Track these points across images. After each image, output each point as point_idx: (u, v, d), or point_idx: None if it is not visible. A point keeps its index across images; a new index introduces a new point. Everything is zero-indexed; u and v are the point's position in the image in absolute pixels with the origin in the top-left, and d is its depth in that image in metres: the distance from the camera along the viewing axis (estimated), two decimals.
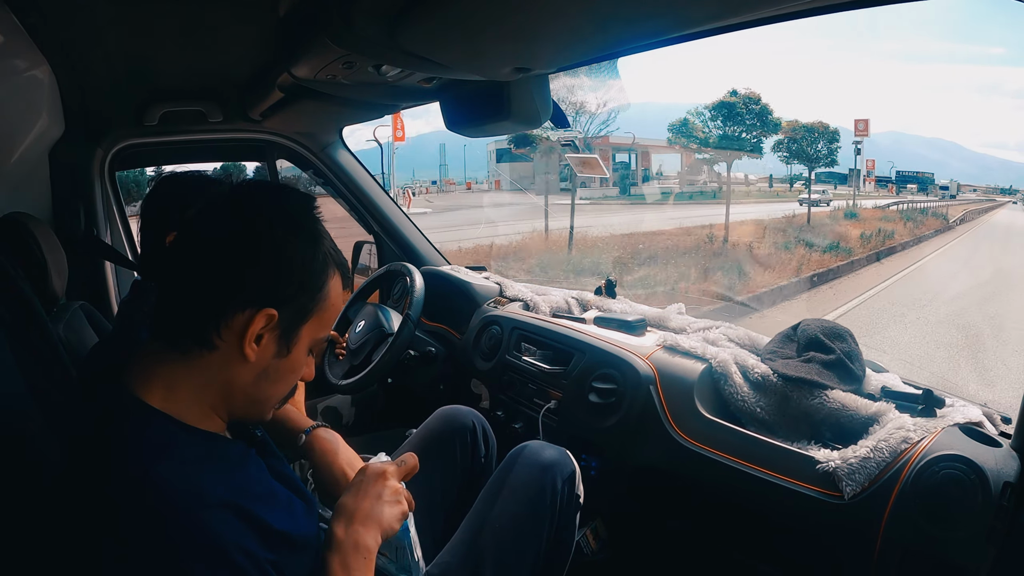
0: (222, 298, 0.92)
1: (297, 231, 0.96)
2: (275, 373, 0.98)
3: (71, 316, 1.56)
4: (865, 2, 1.16)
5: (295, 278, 0.95)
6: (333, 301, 1.01)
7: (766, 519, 1.46)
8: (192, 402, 0.94)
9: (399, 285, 2.60)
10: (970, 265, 15.31)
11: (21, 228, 1.51)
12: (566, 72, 1.67)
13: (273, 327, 0.94)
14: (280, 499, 1.01)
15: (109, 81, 1.96)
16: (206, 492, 0.87)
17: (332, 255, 1.01)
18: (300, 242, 0.96)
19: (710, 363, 1.69)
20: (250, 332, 0.92)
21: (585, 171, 2.93)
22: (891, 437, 1.30)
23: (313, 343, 1.01)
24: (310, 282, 0.97)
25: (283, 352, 0.97)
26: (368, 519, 1.04)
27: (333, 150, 2.76)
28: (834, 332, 1.63)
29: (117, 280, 2.40)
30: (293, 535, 0.98)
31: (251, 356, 0.93)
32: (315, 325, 0.99)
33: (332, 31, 1.30)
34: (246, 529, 0.89)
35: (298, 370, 1.02)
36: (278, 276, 0.94)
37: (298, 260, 0.95)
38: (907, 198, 26.93)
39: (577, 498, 1.53)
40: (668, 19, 1.17)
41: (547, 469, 1.49)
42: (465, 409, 1.76)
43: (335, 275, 1.01)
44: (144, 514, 0.84)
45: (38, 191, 2.16)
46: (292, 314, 0.95)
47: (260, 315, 0.91)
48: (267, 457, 1.11)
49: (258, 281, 0.93)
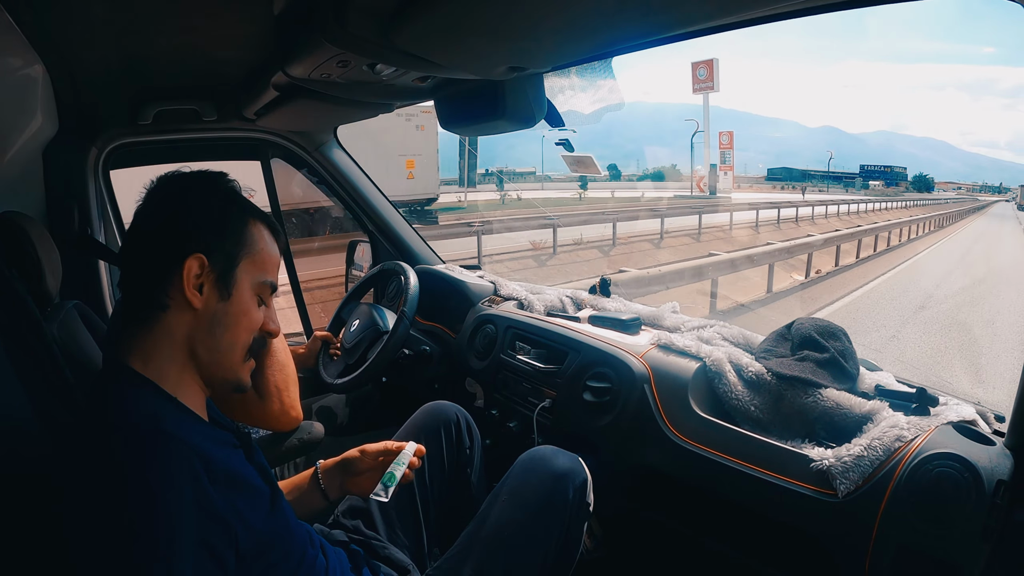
0: (157, 259, 1.06)
1: (209, 194, 1.13)
2: (225, 317, 1.09)
3: (65, 316, 1.55)
4: (858, 2, 1.16)
5: (216, 228, 1.09)
6: (263, 246, 1.15)
7: (760, 517, 1.46)
8: (166, 365, 1.05)
9: (393, 284, 2.60)
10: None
11: (15, 227, 1.50)
12: (558, 72, 1.67)
13: (207, 273, 1.06)
14: (250, 481, 1.08)
15: (103, 80, 1.95)
16: (163, 423, 0.97)
17: (251, 209, 1.16)
18: (213, 200, 1.12)
19: (704, 362, 1.70)
20: (186, 278, 1.04)
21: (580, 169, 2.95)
22: (885, 435, 1.31)
23: (255, 286, 1.13)
24: (229, 228, 1.11)
25: (224, 295, 1.08)
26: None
27: (328, 149, 2.76)
28: (828, 331, 1.64)
29: (111, 279, 2.39)
30: (244, 508, 1.03)
31: (195, 302, 1.05)
32: (249, 267, 1.12)
33: (327, 30, 1.29)
34: (199, 469, 0.95)
35: (248, 313, 1.12)
36: (198, 226, 1.08)
37: (214, 213, 1.10)
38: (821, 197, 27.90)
39: (587, 506, 1.55)
40: (662, 18, 1.17)
41: (560, 479, 1.51)
42: (449, 403, 1.81)
43: (256, 223, 1.15)
44: (100, 438, 0.95)
45: (31, 190, 2.15)
46: (222, 259, 1.08)
47: (190, 260, 1.05)
48: (251, 453, 1.17)
49: (183, 236, 1.06)
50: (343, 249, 3.25)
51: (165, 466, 0.91)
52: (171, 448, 0.93)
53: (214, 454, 1.00)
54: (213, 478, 0.96)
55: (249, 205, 1.16)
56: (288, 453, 1.81)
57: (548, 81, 1.70)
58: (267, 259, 1.15)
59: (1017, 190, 52.83)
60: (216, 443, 1.06)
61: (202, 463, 0.95)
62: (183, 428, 1.00)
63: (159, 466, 0.91)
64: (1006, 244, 24.06)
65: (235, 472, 1.04)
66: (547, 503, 1.47)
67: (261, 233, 1.15)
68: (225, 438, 1.11)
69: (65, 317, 1.55)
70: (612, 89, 1.73)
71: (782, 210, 24.66)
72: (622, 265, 12.87)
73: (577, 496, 1.51)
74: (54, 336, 1.36)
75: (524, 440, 1.97)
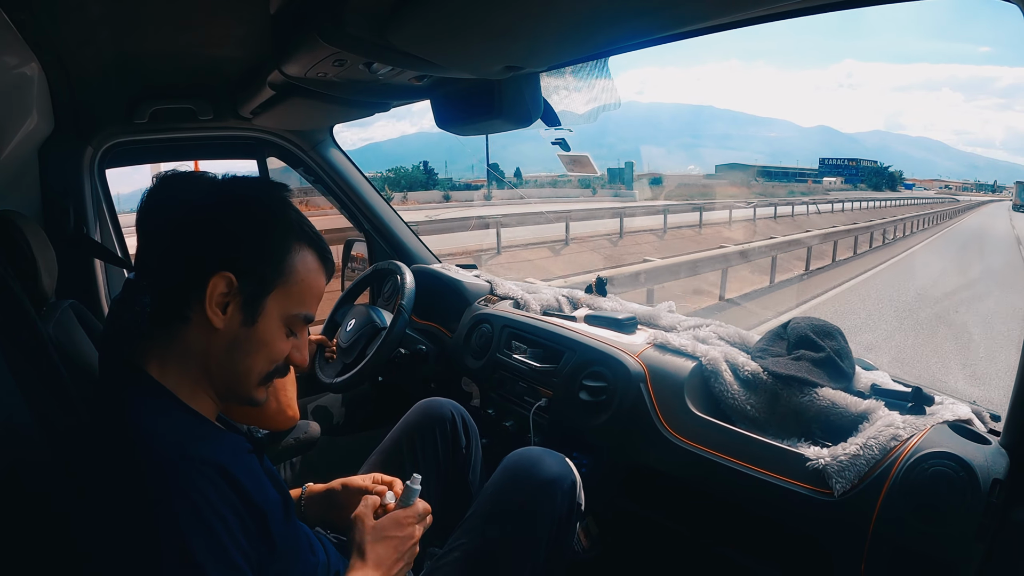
0: (182, 269, 0.99)
1: (252, 206, 1.03)
2: (246, 343, 1.03)
3: (61, 315, 1.54)
4: (854, 2, 1.16)
5: (252, 247, 1.01)
6: (303, 276, 1.06)
7: (757, 516, 1.46)
8: (181, 376, 1.02)
9: (389, 284, 2.60)
10: None
11: (10, 226, 1.50)
12: (554, 71, 1.67)
13: (235, 293, 0.99)
14: (267, 492, 1.05)
15: (99, 78, 1.95)
16: (191, 447, 0.93)
17: (299, 231, 1.06)
18: (255, 215, 1.03)
19: (700, 361, 1.70)
20: (209, 296, 0.98)
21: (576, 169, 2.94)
22: (880, 434, 1.31)
23: (285, 318, 1.05)
24: (269, 252, 1.03)
25: (249, 321, 1.01)
26: (388, 570, 1.16)
27: (324, 148, 2.76)
28: (824, 330, 1.64)
29: (107, 278, 2.38)
30: (269, 520, 1.01)
31: (216, 322, 0.99)
32: (282, 297, 1.04)
33: (323, 29, 1.29)
34: (227, 489, 0.93)
35: (271, 344, 1.05)
36: (232, 242, 1.00)
37: (253, 230, 1.02)
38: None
39: (578, 507, 1.51)
40: (659, 18, 1.17)
41: (547, 486, 1.46)
42: (445, 400, 1.77)
43: (303, 249, 1.06)
44: (125, 460, 0.90)
45: (27, 189, 2.15)
46: (254, 283, 1.01)
47: (217, 278, 0.97)
48: (262, 457, 1.15)
49: (216, 251, 0.99)
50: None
51: (196, 499, 0.88)
52: (201, 476, 0.91)
53: (236, 470, 0.97)
54: (242, 499, 0.95)
55: (299, 225, 1.07)
56: (285, 453, 1.82)
57: (544, 80, 1.70)
58: (306, 291, 1.07)
59: (1013, 187, 49.27)
60: (235, 453, 1.04)
61: (230, 485, 0.94)
62: (206, 446, 0.96)
63: (191, 502, 0.88)
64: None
65: (254, 485, 1.00)
66: (535, 512, 1.43)
67: (305, 261, 1.06)
68: (240, 443, 1.08)
69: (61, 316, 1.54)
70: (608, 88, 1.73)
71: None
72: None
73: (566, 501, 1.47)
74: (50, 335, 1.36)
75: (520, 439, 1.97)
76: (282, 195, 1.07)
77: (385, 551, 1.17)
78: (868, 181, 76.49)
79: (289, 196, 1.08)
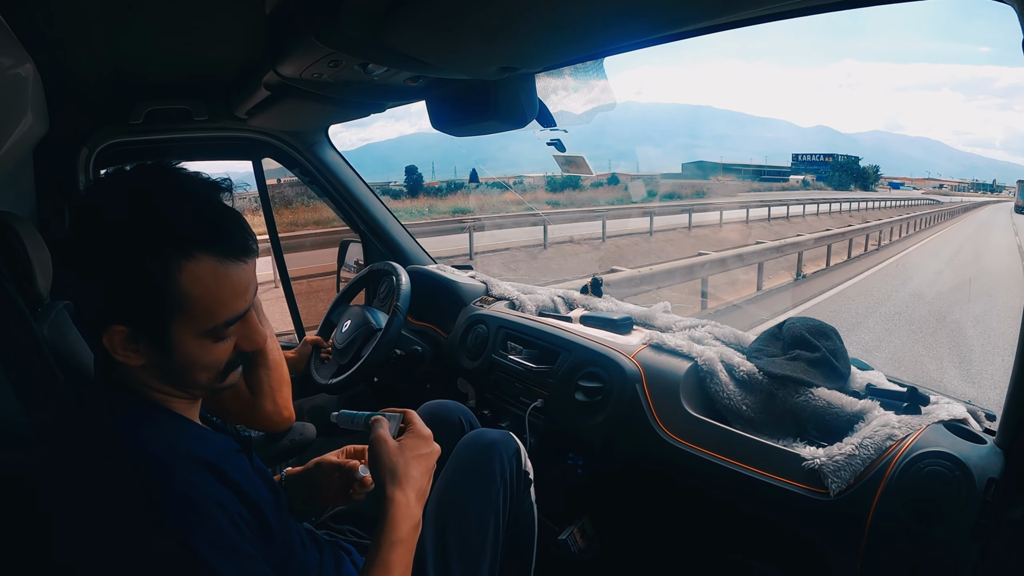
0: (90, 325, 0.95)
1: (117, 243, 0.88)
2: (179, 366, 0.96)
3: (56, 316, 1.54)
4: (854, 2, 1.17)
5: (124, 294, 0.90)
6: (199, 293, 0.91)
7: (752, 516, 1.46)
8: (149, 388, 0.98)
9: (385, 285, 2.60)
10: None
11: (5, 227, 1.49)
12: (550, 72, 1.67)
13: (137, 336, 0.92)
14: (257, 492, 1.03)
15: (94, 79, 1.95)
16: (180, 447, 0.92)
17: (180, 240, 0.90)
18: (122, 252, 0.88)
19: (696, 361, 1.70)
20: (111, 349, 0.92)
21: (571, 170, 2.92)
22: (876, 434, 1.31)
23: (200, 336, 0.94)
24: (146, 291, 0.89)
25: (167, 352, 0.94)
26: (423, 494, 1.12)
27: (319, 148, 2.76)
28: (819, 330, 1.64)
29: None
30: (266, 512, 1.01)
31: (134, 362, 0.93)
32: (186, 322, 0.92)
33: (318, 29, 1.29)
34: (220, 484, 0.92)
35: (202, 359, 0.96)
36: (108, 298, 0.91)
37: (120, 275, 0.89)
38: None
39: (526, 474, 1.54)
40: (654, 18, 1.17)
41: (490, 447, 1.50)
42: (451, 404, 1.76)
43: (189, 262, 0.90)
44: (118, 467, 0.88)
45: (22, 190, 2.14)
46: (147, 323, 0.91)
47: (110, 332, 0.91)
48: (251, 457, 1.13)
49: (92, 307, 0.94)
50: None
51: (193, 495, 0.87)
52: (195, 473, 0.90)
53: (228, 467, 0.95)
54: (238, 494, 0.95)
55: (180, 231, 0.90)
56: (280, 454, 1.81)
57: (540, 81, 1.70)
58: (211, 303, 0.93)
59: (1015, 187, 47.37)
60: (225, 453, 1.02)
61: (224, 482, 0.93)
62: (196, 445, 0.94)
63: (188, 498, 0.87)
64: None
65: (247, 483, 0.99)
66: (484, 469, 1.46)
67: (195, 274, 0.90)
68: (229, 443, 1.06)
69: (56, 318, 1.54)
70: (604, 89, 1.73)
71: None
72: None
73: (512, 462, 1.50)
74: (44, 337, 1.35)
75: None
76: (153, 203, 0.90)
77: (418, 471, 1.11)
78: (830, 180, 73.27)
79: (160, 211, 0.90)
